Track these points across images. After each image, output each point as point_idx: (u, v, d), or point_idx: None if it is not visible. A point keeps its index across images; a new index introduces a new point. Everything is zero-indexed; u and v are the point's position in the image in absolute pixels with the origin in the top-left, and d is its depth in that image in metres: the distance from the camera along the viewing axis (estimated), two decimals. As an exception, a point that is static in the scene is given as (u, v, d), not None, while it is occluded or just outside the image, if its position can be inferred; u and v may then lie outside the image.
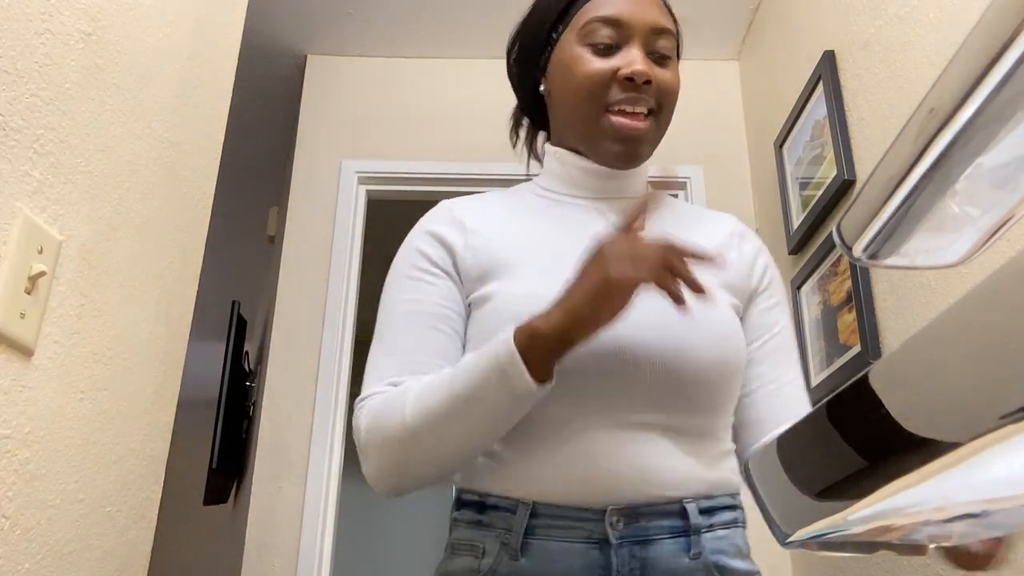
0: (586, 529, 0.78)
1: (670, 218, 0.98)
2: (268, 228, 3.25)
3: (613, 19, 0.88)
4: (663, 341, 0.81)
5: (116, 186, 1.02)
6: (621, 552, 0.77)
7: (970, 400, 0.20)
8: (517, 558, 0.78)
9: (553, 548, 0.78)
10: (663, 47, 0.90)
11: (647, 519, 0.79)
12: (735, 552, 0.83)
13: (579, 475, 0.79)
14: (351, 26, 2.61)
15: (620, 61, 0.88)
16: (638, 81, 0.87)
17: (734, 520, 0.84)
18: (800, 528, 0.28)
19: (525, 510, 0.79)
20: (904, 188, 0.28)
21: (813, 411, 0.28)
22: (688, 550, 0.79)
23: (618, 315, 0.72)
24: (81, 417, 0.94)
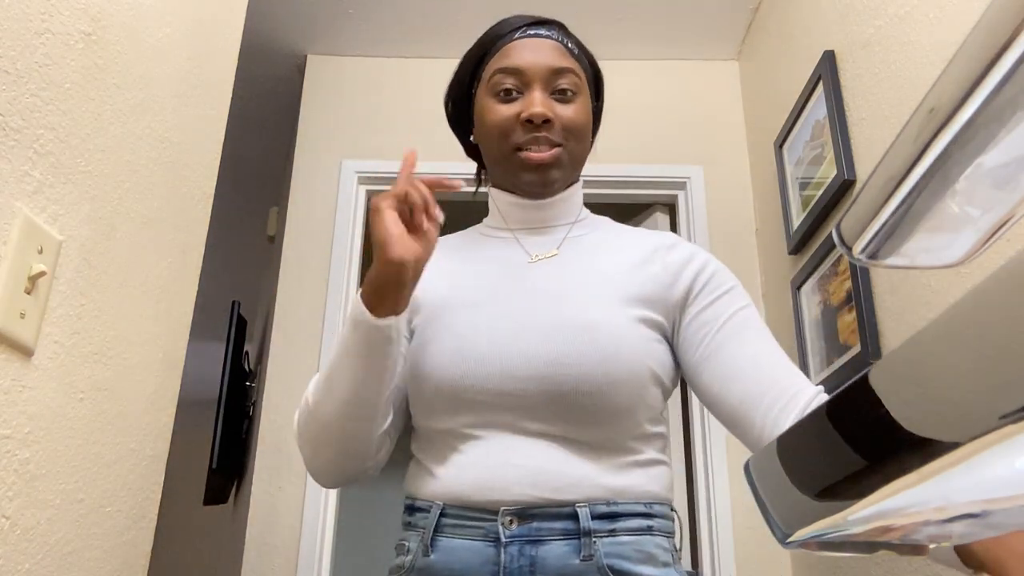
0: (483, 528, 0.86)
1: (599, 233, 1.05)
2: (268, 228, 3.25)
3: (512, 68, 0.98)
4: (543, 356, 0.88)
5: (116, 186, 1.02)
6: (511, 550, 0.84)
7: (970, 400, 0.20)
8: (428, 554, 0.87)
9: (456, 545, 0.86)
10: (563, 84, 0.98)
11: (539, 520, 0.85)
12: (642, 558, 0.86)
13: (477, 478, 0.87)
14: (351, 26, 2.61)
15: (521, 106, 0.97)
16: (536, 122, 0.96)
17: (646, 527, 0.87)
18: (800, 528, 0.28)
19: (436, 510, 0.88)
20: (904, 188, 0.28)
21: (813, 411, 0.28)
22: (579, 552, 0.84)
23: (383, 240, 0.82)
24: (81, 417, 0.94)
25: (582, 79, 1.01)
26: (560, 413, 0.87)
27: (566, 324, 0.90)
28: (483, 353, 0.90)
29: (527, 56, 0.99)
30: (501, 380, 0.88)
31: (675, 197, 2.56)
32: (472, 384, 0.89)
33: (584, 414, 0.87)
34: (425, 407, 0.93)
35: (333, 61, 2.74)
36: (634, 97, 2.65)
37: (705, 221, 2.47)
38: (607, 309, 0.91)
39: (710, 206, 2.50)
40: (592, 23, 2.53)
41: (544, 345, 0.89)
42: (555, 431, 0.88)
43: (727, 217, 2.49)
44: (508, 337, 0.90)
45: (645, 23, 2.56)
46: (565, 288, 0.95)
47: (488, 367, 0.89)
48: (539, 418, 0.88)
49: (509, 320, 0.92)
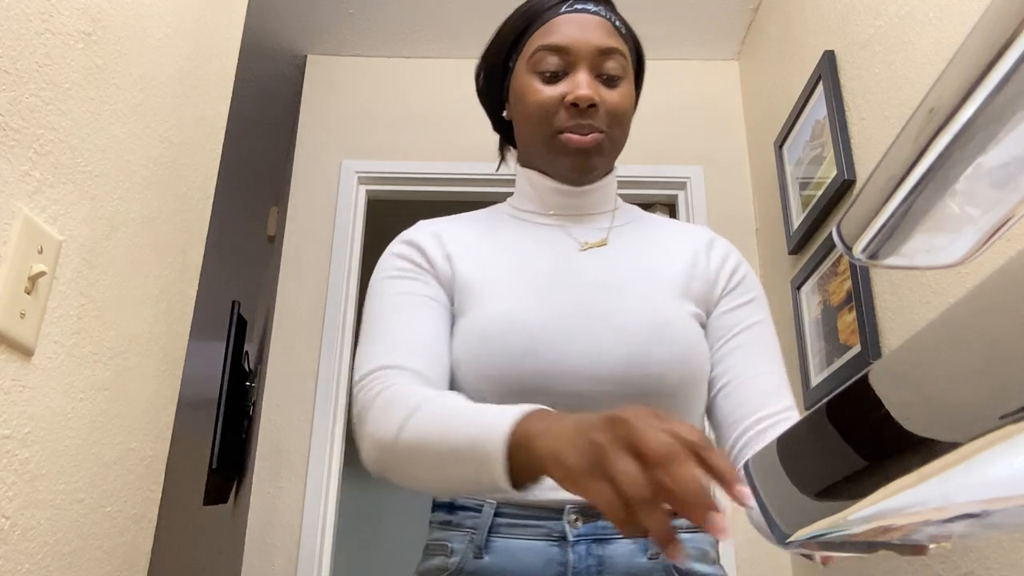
0: (546, 527, 0.81)
1: (640, 224, 1.01)
2: (268, 228, 3.25)
3: (558, 46, 0.92)
4: (619, 355, 0.83)
5: (116, 186, 1.02)
6: (578, 549, 0.80)
7: (970, 400, 0.20)
8: (481, 556, 0.82)
9: (515, 545, 0.81)
10: (610, 68, 0.93)
11: (604, 518, 0.81)
12: (699, 556, 0.84)
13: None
14: (351, 26, 2.61)
15: (566, 87, 0.92)
16: (582, 106, 0.90)
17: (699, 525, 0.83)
18: (800, 528, 0.28)
19: (490, 509, 0.83)
20: (904, 188, 0.28)
21: (813, 411, 0.28)
22: (646, 550, 0.81)
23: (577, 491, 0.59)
24: (81, 417, 0.94)
25: (628, 61, 0.96)
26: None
27: (640, 322, 0.85)
28: (555, 351, 0.83)
29: (573, 33, 0.93)
30: (576, 381, 0.82)
31: (675, 197, 2.56)
32: (544, 385, 0.82)
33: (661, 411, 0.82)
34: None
35: (333, 61, 2.74)
36: (634, 97, 2.65)
37: (705, 221, 2.47)
38: (674, 306, 0.88)
39: (710, 206, 2.50)
40: (592, 23, 2.54)
41: (620, 345, 0.83)
42: None
43: (727, 217, 2.49)
44: (582, 332, 0.84)
45: (645, 23, 2.56)
46: (624, 280, 0.90)
47: (563, 367, 0.82)
48: None
49: (577, 313, 0.86)
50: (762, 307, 0.95)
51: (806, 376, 1.97)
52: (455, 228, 0.98)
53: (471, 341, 0.85)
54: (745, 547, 2.12)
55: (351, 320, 2.42)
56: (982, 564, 1.24)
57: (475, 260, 0.93)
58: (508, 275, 0.90)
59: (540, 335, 0.84)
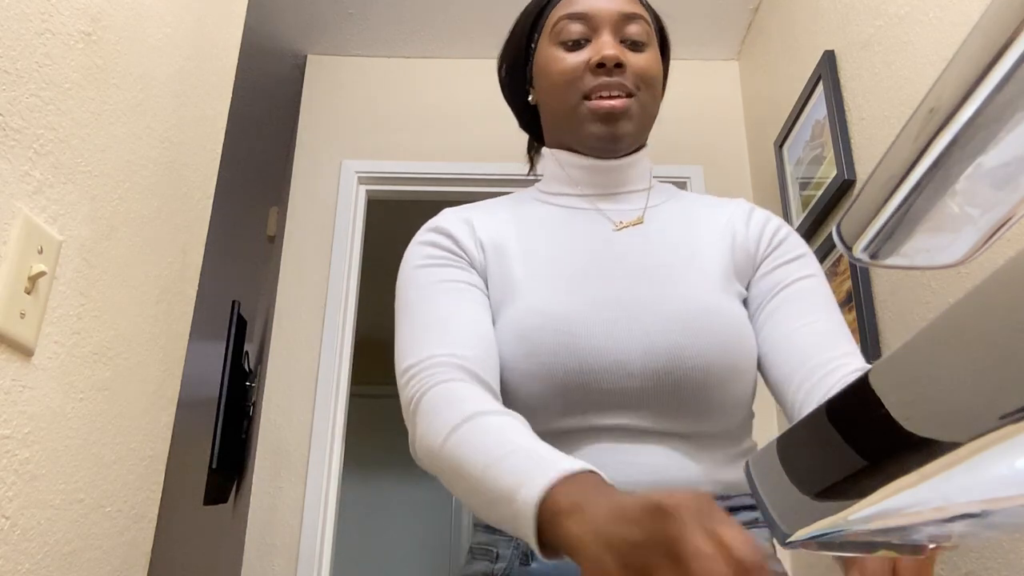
0: None
1: (676, 202, 0.96)
2: (268, 228, 3.25)
3: (579, 14, 0.90)
4: (662, 347, 0.79)
5: (116, 186, 1.02)
6: None
7: (970, 400, 0.20)
8: (528, 563, 0.78)
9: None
10: (635, 33, 0.91)
11: None
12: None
13: None
14: (351, 26, 2.61)
15: (591, 51, 0.89)
16: (608, 65, 0.88)
17: (754, 520, 0.81)
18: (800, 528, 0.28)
19: None
20: (904, 188, 0.28)
21: (813, 411, 0.28)
22: None
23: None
24: (81, 417, 0.94)
25: (651, 30, 0.94)
26: (679, 409, 0.79)
27: (682, 310, 0.81)
28: (597, 347, 0.79)
29: (596, 1, 0.91)
30: (617, 377, 0.79)
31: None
32: (586, 383, 0.79)
33: (706, 408, 0.80)
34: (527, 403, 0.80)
35: (333, 61, 2.74)
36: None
37: (705, 221, 2.47)
38: (717, 290, 0.84)
39: (710, 206, 2.50)
40: (592, 23, 2.54)
41: (663, 336, 0.80)
42: (672, 428, 0.80)
43: (727, 217, 2.49)
44: (622, 326, 0.81)
45: (645, 23, 2.56)
46: (664, 264, 0.86)
47: (604, 362, 0.79)
48: (660, 415, 0.79)
49: (617, 305, 0.82)
50: (809, 264, 0.89)
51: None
52: (483, 216, 0.93)
53: (509, 338, 0.82)
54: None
55: (351, 320, 2.42)
56: (982, 564, 1.24)
57: (508, 250, 0.89)
58: (543, 265, 0.87)
59: (577, 330, 0.80)
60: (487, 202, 0.98)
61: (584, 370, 0.79)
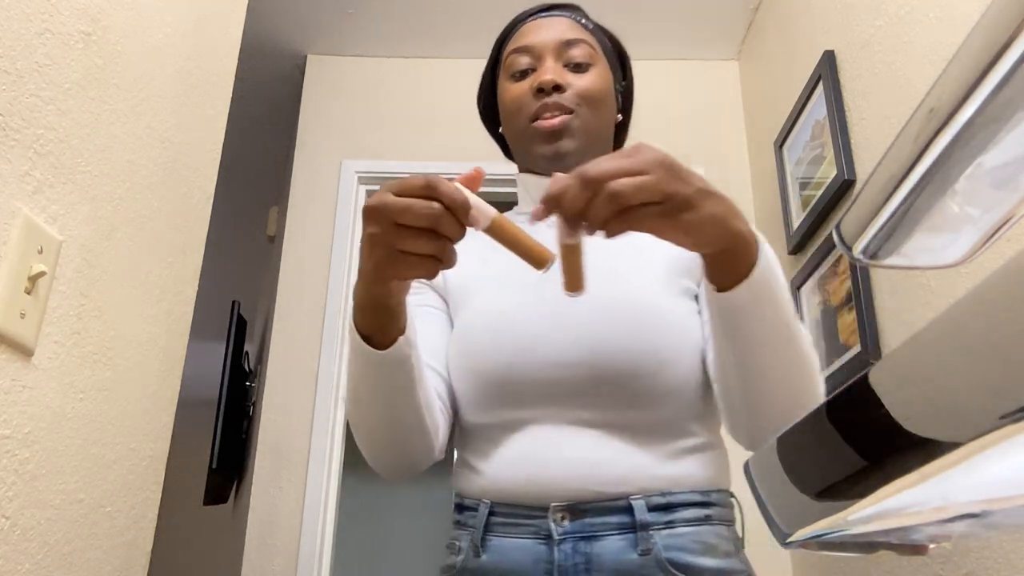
0: (535, 525, 0.82)
1: None
2: (268, 228, 3.25)
3: (524, 47, 0.98)
4: (587, 338, 0.84)
5: (116, 186, 1.02)
6: (564, 547, 0.81)
7: (970, 400, 0.20)
8: (479, 554, 0.84)
9: (507, 544, 0.83)
10: (576, 56, 0.97)
11: (592, 515, 0.81)
12: (703, 549, 0.82)
13: (525, 474, 0.83)
14: (351, 26, 2.61)
15: (534, 79, 0.96)
16: (546, 88, 0.94)
17: (704, 517, 0.83)
18: (800, 528, 0.28)
19: (485, 509, 0.85)
20: (904, 188, 0.28)
21: (813, 411, 0.28)
22: (636, 546, 0.80)
23: (379, 271, 0.68)
24: (81, 417, 0.94)
25: (597, 51, 0.99)
26: (610, 399, 0.83)
27: (609, 303, 0.85)
28: (522, 340, 0.85)
29: (539, 34, 0.98)
30: (545, 368, 0.84)
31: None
32: (513, 375, 0.85)
33: (636, 398, 0.83)
34: (468, 401, 0.89)
35: (333, 61, 2.74)
36: (635, 97, 2.65)
37: (705, 221, 2.47)
38: (649, 284, 0.87)
39: (710, 206, 2.50)
40: (592, 23, 2.53)
41: (588, 327, 0.84)
42: (605, 418, 0.83)
43: (727, 217, 2.49)
44: (548, 320, 0.86)
45: (645, 23, 2.56)
46: (603, 263, 0.89)
47: (530, 355, 0.84)
48: (588, 405, 0.83)
49: (549, 303, 0.87)
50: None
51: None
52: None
53: (455, 341, 0.91)
54: (745, 546, 2.12)
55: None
56: (982, 564, 1.24)
57: (465, 268, 0.95)
58: (493, 276, 0.93)
59: (506, 327, 0.87)
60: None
61: (511, 364, 0.85)
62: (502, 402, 0.86)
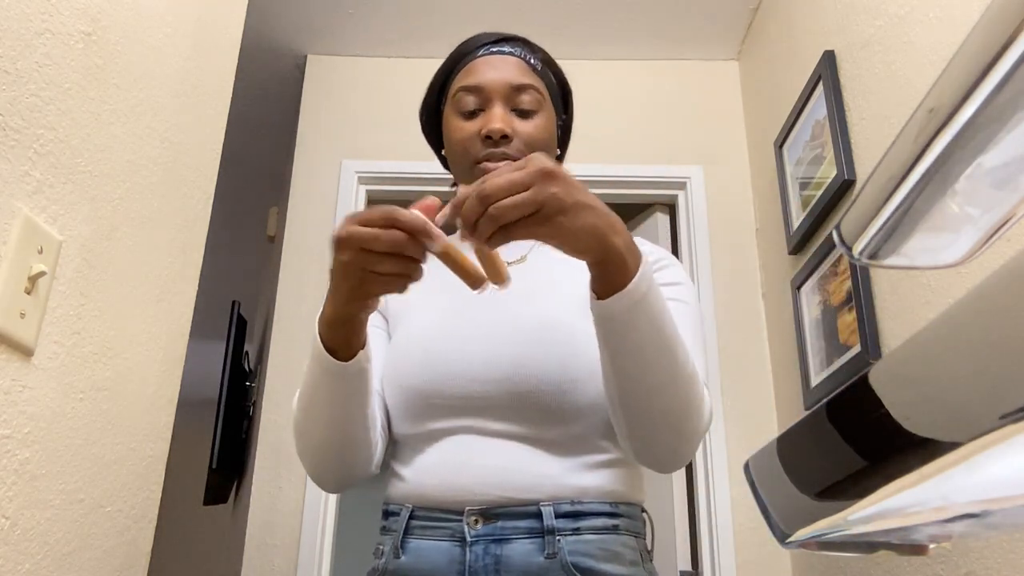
0: (450, 528, 0.87)
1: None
2: (268, 228, 3.25)
3: (473, 87, 1.01)
4: (504, 357, 0.90)
5: (116, 186, 1.02)
6: (475, 549, 0.86)
7: (970, 400, 0.20)
8: (399, 556, 0.89)
9: (424, 546, 0.88)
10: (524, 102, 1.00)
11: (504, 519, 0.86)
12: (607, 556, 0.86)
13: (444, 479, 0.89)
14: (351, 26, 2.61)
15: (482, 122, 0.99)
16: (495, 137, 0.97)
17: (612, 526, 0.88)
18: (800, 528, 0.28)
19: (406, 513, 0.90)
20: (904, 188, 0.28)
21: (813, 411, 0.28)
22: (543, 550, 0.85)
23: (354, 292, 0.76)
24: (81, 417, 0.94)
25: (544, 96, 1.03)
26: (523, 413, 0.89)
27: (526, 325, 0.92)
28: (447, 359, 0.91)
29: (489, 74, 1.01)
30: (465, 383, 0.90)
31: (675, 197, 2.56)
32: (437, 389, 0.91)
33: (547, 413, 0.89)
34: (396, 413, 0.95)
35: (333, 61, 2.74)
36: (634, 97, 2.65)
37: (705, 221, 2.47)
38: (567, 309, 0.92)
39: (710, 206, 2.50)
40: (592, 23, 2.53)
41: (505, 347, 0.90)
42: (520, 431, 0.89)
43: (727, 217, 2.49)
44: (471, 341, 0.92)
45: (645, 23, 2.56)
46: (528, 291, 0.96)
47: (452, 371, 0.91)
48: (503, 418, 0.89)
49: (472, 325, 0.94)
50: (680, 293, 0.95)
51: (806, 376, 1.97)
52: None
53: (389, 357, 0.97)
54: (745, 547, 2.12)
55: (351, 320, 2.42)
56: (982, 564, 1.24)
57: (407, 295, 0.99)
58: (425, 298, 0.99)
59: (433, 345, 0.93)
60: None
61: (435, 378, 0.91)
62: (427, 414, 0.91)
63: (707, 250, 2.44)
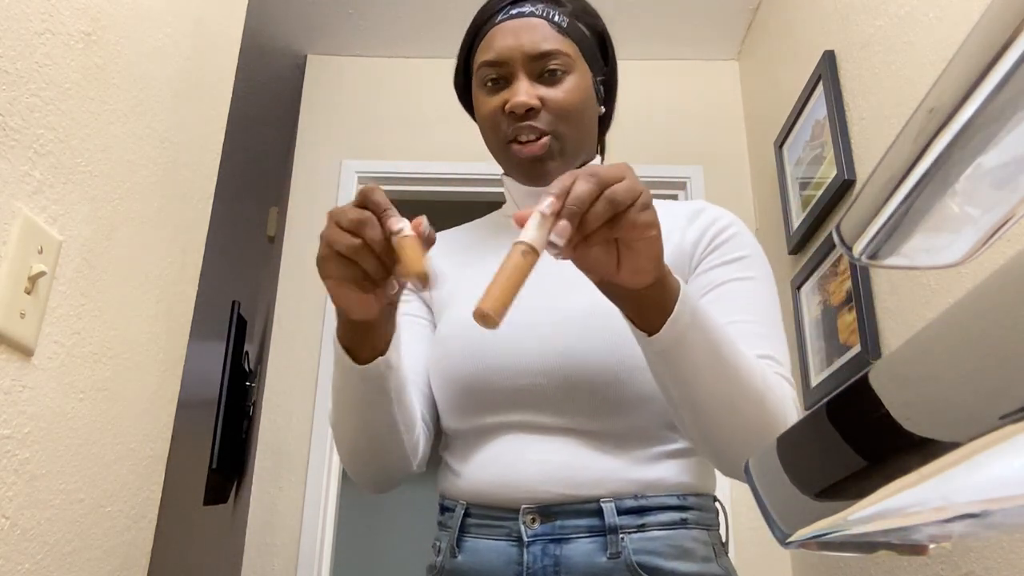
0: (506, 527, 0.84)
1: None
2: (268, 228, 3.25)
3: (493, 61, 0.94)
4: (554, 348, 0.85)
5: (116, 186, 1.02)
6: (534, 549, 0.81)
7: (970, 400, 0.20)
8: (455, 555, 0.86)
9: (481, 545, 0.85)
10: (551, 66, 0.92)
11: (563, 518, 0.82)
12: (677, 553, 0.81)
13: (497, 477, 0.85)
14: (351, 26, 2.61)
15: (508, 94, 0.93)
16: (519, 112, 0.91)
17: (680, 520, 0.83)
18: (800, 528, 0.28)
19: (461, 510, 0.87)
20: (904, 188, 0.28)
21: (813, 411, 0.28)
22: (605, 549, 0.80)
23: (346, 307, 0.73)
24: (81, 417, 0.94)
25: (573, 56, 0.94)
26: (578, 405, 0.84)
27: (576, 313, 0.86)
28: (496, 348, 0.87)
29: (507, 43, 0.93)
30: (515, 376, 0.85)
31: (675, 197, 2.56)
32: (485, 383, 0.86)
33: (607, 404, 0.84)
34: (445, 407, 0.91)
35: (333, 61, 2.74)
36: (634, 97, 2.65)
37: (705, 221, 2.47)
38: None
39: (710, 206, 2.50)
40: (592, 23, 2.53)
41: (555, 337, 0.85)
42: (575, 425, 0.84)
43: (727, 217, 2.49)
44: (519, 330, 0.87)
45: (645, 23, 2.56)
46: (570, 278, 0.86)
47: (500, 363, 0.86)
48: (560, 412, 0.85)
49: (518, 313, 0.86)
50: (750, 266, 0.89)
51: (806, 376, 1.97)
52: (442, 244, 1.02)
53: (433, 348, 0.94)
54: (745, 547, 2.12)
55: (351, 320, 2.42)
56: (982, 564, 1.24)
57: (448, 275, 0.98)
58: (470, 282, 0.95)
59: (478, 335, 0.87)
60: (460, 227, 1.08)
61: (483, 370, 0.87)
62: (477, 408, 0.88)
63: (707, 250, 2.44)
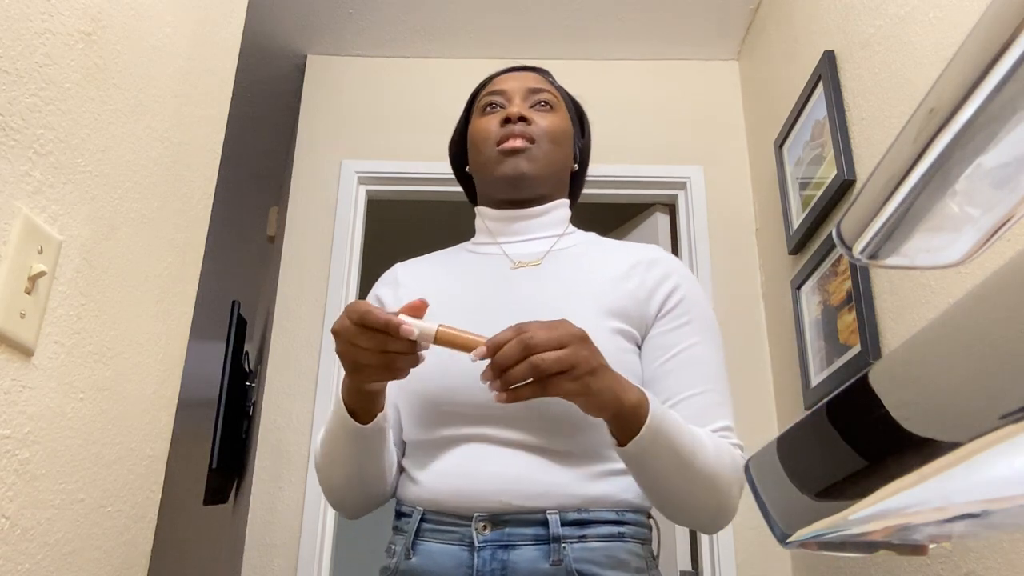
0: (459, 533, 0.90)
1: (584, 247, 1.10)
2: (268, 228, 3.25)
3: (497, 91, 1.13)
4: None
5: (116, 186, 1.02)
6: (484, 554, 0.88)
7: (970, 400, 0.20)
8: (410, 557, 0.93)
9: (434, 549, 0.91)
10: (542, 98, 1.12)
11: (512, 526, 0.89)
12: (612, 564, 0.89)
13: (455, 486, 0.92)
14: (351, 26, 2.61)
15: (504, 112, 1.09)
16: (512, 119, 1.07)
17: (617, 534, 0.91)
18: (800, 528, 0.28)
19: (417, 516, 0.94)
20: (904, 188, 0.28)
21: (813, 411, 0.28)
22: (548, 557, 0.88)
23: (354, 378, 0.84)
24: (81, 417, 0.94)
25: (559, 101, 1.13)
26: (536, 423, 0.91)
27: None
28: (461, 369, 0.93)
29: (509, 82, 1.13)
30: (478, 393, 0.91)
31: (675, 197, 2.56)
32: (454, 398, 0.94)
33: (560, 424, 0.91)
34: (412, 420, 0.99)
35: (333, 61, 2.74)
36: (634, 97, 2.65)
37: (705, 221, 2.47)
38: (584, 320, 0.94)
39: (710, 206, 2.50)
40: (592, 23, 2.53)
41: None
42: (532, 441, 0.92)
43: (727, 217, 2.49)
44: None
45: (645, 23, 2.56)
46: (545, 298, 1.00)
47: (469, 380, 0.92)
48: (517, 428, 0.92)
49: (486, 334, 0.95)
50: (699, 329, 1.00)
51: (806, 376, 1.97)
52: (414, 269, 1.13)
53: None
54: (745, 547, 2.12)
55: (351, 320, 2.41)
56: (982, 564, 1.24)
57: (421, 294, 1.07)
58: (445, 303, 1.03)
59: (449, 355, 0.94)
60: (430, 255, 1.18)
61: (449, 387, 0.94)
62: (440, 421, 0.95)
63: (707, 250, 2.44)
